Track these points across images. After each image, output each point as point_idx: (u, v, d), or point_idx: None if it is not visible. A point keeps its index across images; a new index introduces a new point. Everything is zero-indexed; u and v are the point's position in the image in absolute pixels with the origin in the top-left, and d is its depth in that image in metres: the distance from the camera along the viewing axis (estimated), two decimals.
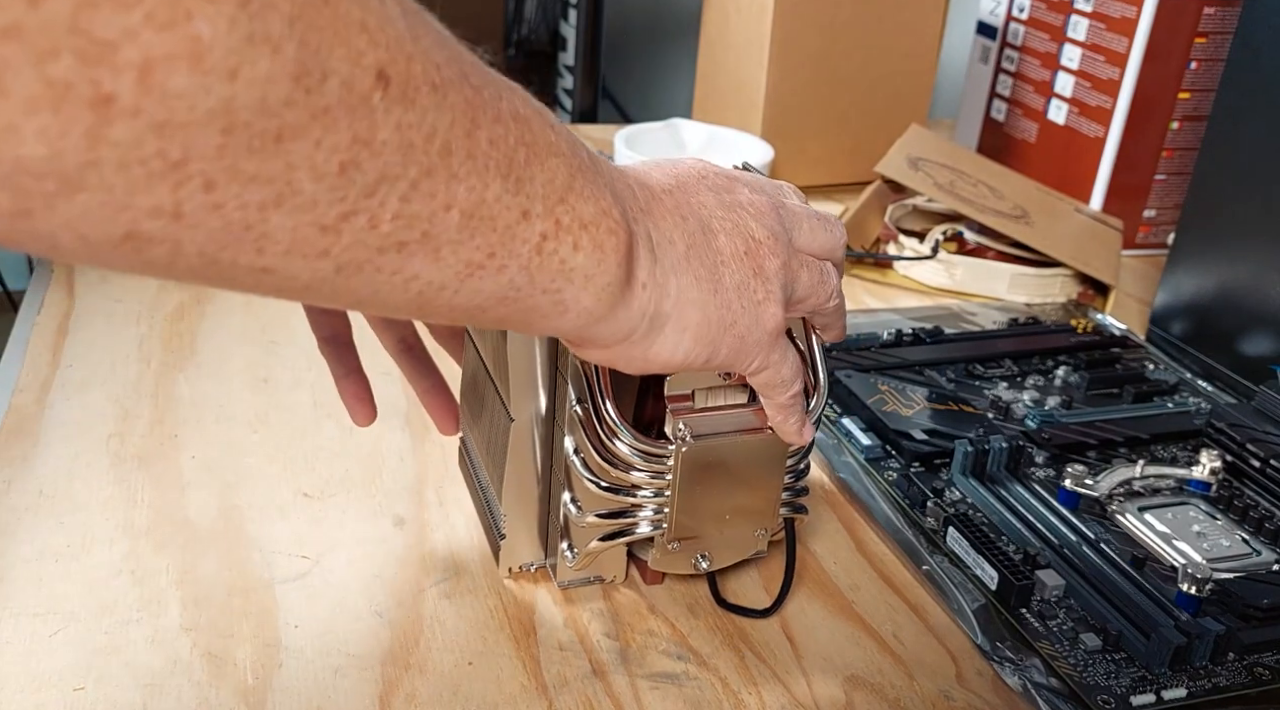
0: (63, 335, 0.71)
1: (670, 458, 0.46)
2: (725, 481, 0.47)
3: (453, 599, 0.51)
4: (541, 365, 0.48)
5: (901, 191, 0.95)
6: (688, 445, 0.46)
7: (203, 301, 0.77)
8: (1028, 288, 0.88)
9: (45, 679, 0.45)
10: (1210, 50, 0.93)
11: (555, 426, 0.49)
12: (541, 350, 0.47)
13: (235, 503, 0.57)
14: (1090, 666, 0.49)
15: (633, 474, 0.46)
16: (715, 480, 0.47)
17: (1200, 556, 0.55)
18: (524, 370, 0.47)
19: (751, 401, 0.47)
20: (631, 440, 0.45)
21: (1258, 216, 0.73)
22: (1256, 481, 0.62)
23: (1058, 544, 0.56)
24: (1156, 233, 1.00)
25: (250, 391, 0.67)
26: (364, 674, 0.46)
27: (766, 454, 0.48)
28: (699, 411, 0.46)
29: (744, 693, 0.47)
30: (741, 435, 0.47)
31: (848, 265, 0.90)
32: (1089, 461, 0.64)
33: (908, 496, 0.60)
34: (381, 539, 0.55)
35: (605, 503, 0.47)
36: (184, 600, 0.50)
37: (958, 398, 0.70)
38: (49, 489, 0.56)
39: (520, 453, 0.49)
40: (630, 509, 0.48)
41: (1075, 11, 1.01)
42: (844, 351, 0.74)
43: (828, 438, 0.66)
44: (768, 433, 0.47)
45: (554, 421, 0.49)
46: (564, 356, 0.47)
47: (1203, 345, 0.77)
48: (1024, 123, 1.09)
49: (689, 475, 0.47)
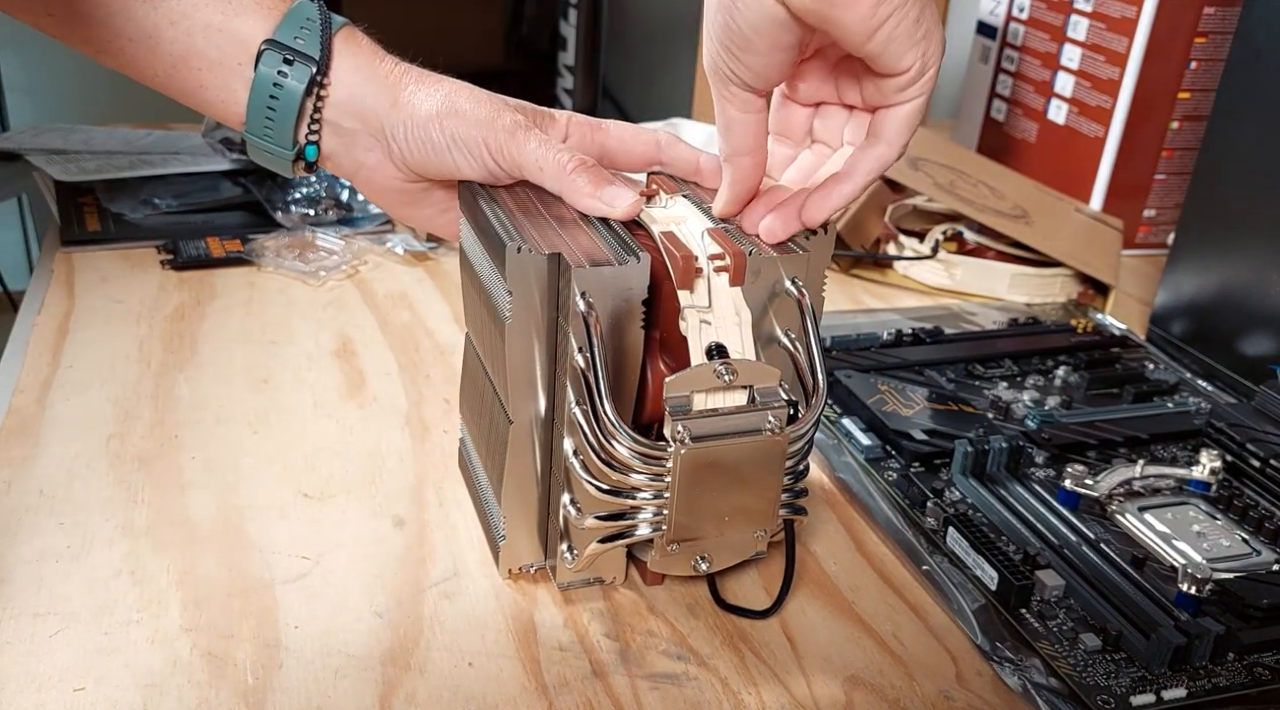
0: (63, 335, 0.71)
1: (669, 460, 0.46)
2: (724, 483, 0.47)
3: (453, 599, 0.51)
4: (541, 367, 0.48)
5: (901, 191, 0.95)
6: (687, 448, 0.46)
7: (203, 302, 0.78)
8: (1028, 288, 0.88)
9: (45, 679, 0.45)
10: (1210, 50, 0.93)
11: (554, 428, 0.49)
12: (541, 352, 0.47)
13: (235, 503, 0.57)
14: (1090, 666, 0.49)
15: (632, 477, 0.46)
16: (714, 482, 0.47)
17: (1200, 556, 0.55)
18: (522, 372, 0.47)
19: (750, 403, 0.47)
20: (630, 443, 0.45)
21: (1258, 216, 0.73)
22: (1256, 481, 0.62)
23: (1058, 544, 0.56)
24: (1156, 233, 1.00)
25: (250, 391, 0.67)
26: (364, 674, 0.46)
27: (765, 456, 0.48)
28: (698, 414, 0.46)
29: (744, 693, 0.47)
30: (740, 437, 0.47)
31: (847, 265, 0.91)
32: (1089, 461, 0.64)
33: (908, 496, 0.60)
34: (381, 539, 0.55)
35: (604, 505, 0.47)
36: (184, 600, 0.50)
37: (958, 398, 0.70)
38: (49, 489, 0.56)
39: (519, 454, 0.49)
40: (630, 511, 0.48)
41: (1075, 11, 1.01)
42: (844, 351, 0.74)
43: (828, 438, 0.66)
44: (766, 435, 0.47)
45: (553, 423, 0.49)
46: (563, 359, 0.47)
47: (1203, 345, 0.77)
48: (1024, 123, 1.09)
49: (688, 477, 0.47)
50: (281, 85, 0.49)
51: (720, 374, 0.46)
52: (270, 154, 0.51)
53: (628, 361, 0.47)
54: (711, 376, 0.46)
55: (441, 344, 0.74)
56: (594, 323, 0.44)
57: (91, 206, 0.91)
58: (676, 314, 0.47)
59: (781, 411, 0.47)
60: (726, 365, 0.45)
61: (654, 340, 0.48)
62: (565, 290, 0.45)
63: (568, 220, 0.49)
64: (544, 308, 0.47)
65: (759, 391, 0.47)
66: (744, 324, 0.48)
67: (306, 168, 0.51)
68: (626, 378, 0.48)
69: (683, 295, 0.47)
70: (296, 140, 0.50)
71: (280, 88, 0.49)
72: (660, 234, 0.48)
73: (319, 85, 0.49)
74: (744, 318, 0.48)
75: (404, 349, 0.73)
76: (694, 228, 0.49)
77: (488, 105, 0.50)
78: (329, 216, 0.91)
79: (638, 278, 0.45)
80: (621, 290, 0.45)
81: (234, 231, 0.88)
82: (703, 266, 0.47)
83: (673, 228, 0.49)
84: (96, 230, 0.87)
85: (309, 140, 0.50)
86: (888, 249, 0.91)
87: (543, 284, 0.46)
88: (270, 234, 0.87)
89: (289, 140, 0.50)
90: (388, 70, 0.50)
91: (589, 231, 0.48)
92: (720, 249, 0.47)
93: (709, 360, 0.46)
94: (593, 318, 0.44)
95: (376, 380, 0.70)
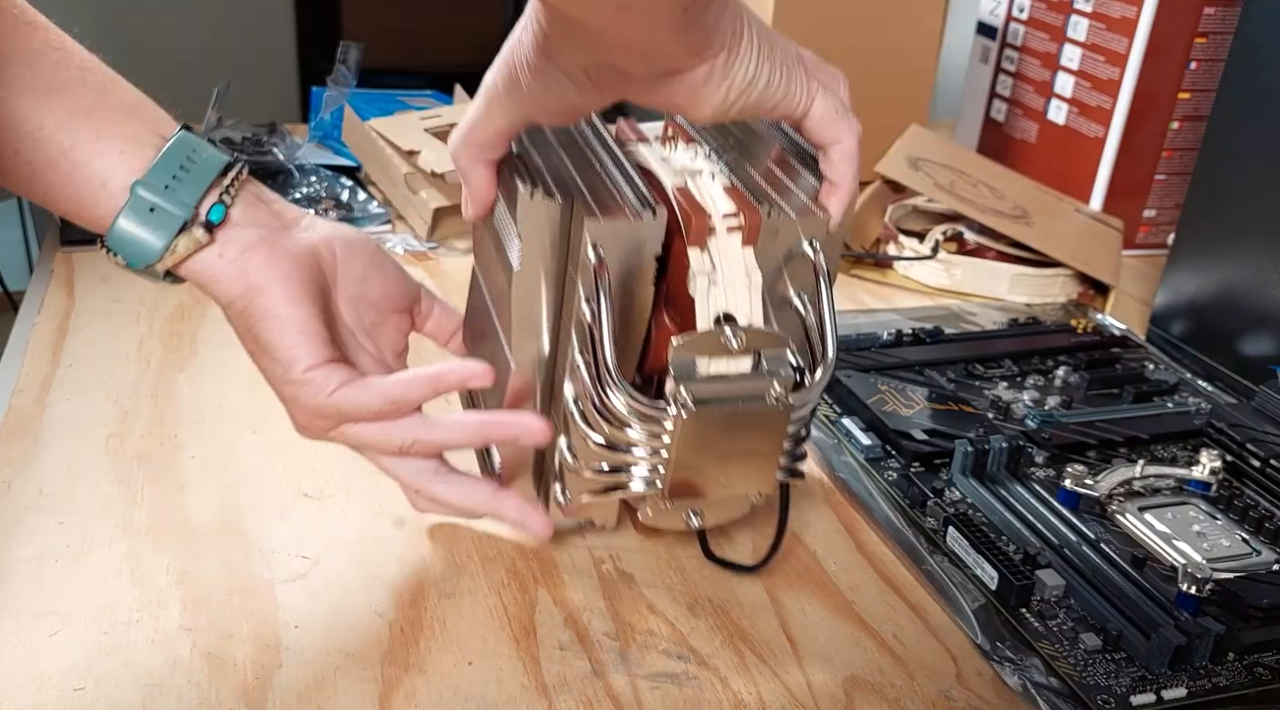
0: (63, 335, 0.71)
1: (668, 420, 0.45)
2: (723, 447, 0.47)
3: (453, 599, 0.51)
4: (547, 313, 0.47)
5: (901, 191, 0.95)
6: (688, 412, 0.45)
7: (203, 301, 0.77)
8: (1028, 288, 0.88)
9: (45, 679, 0.45)
10: (1210, 50, 0.93)
11: (556, 372, 0.48)
12: (548, 298, 0.46)
13: (235, 503, 0.57)
14: (1090, 666, 0.49)
15: (629, 432, 0.46)
16: (713, 446, 0.47)
17: (1200, 556, 0.55)
18: (528, 316, 0.47)
19: (756, 369, 0.46)
20: (630, 400, 0.45)
21: (1258, 216, 0.73)
22: (1256, 481, 0.62)
23: (1058, 544, 0.56)
24: (1156, 233, 1.00)
25: (250, 391, 0.67)
26: (364, 674, 0.46)
27: (767, 422, 0.47)
28: (702, 380, 0.45)
29: (744, 693, 0.47)
30: (743, 404, 0.46)
31: (848, 265, 0.91)
32: (1089, 461, 0.64)
33: (908, 496, 0.60)
34: (381, 539, 0.55)
35: (600, 456, 0.47)
36: (184, 600, 0.50)
37: (958, 398, 0.70)
38: (49, 489, 0.56)
39: (519, 397, 0.48)
40: (625, 465, 0.47)
41: (1075, 11, 1.01)
42: (844, 352, 0.74)
43: (828, 438, 0.66)
44: (768, 401, 0.46)
45: (555, 366, 0.48)
46: (569, 304, 0.46)
47: (1203, 345, 0.77)
48: (1024, 123, 1.09)
49: (687, 440, 0.46)
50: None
51: (728, 340, 0.45)
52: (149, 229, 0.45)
53: (635, 316, 0.46)
54: (719, 342, 0.45)
55: None
56: (603, 275, 0.43)
57: None
58: (687, 270, 0.46)
59: (787, 379, 0.46)
60: (735, 331, 0.44)
61: (662, 292, 0.47)
62: (577, 240, 0.44)
63: (590, 169, 0.48)
64: (555, 255, 0.46)
65: (766, 357, 0.46)
66: (754, 286, 0.46)
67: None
68: (632, 331, 0.47)
69: (693, 254, 0.46)
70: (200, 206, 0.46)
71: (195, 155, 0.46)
72: (675, 188, 0.47)
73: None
74: (754, 280, 0.46)
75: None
76: (709, 183, 0.48)
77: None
78: (329, 216, 0.91)
79: (652, 233, 0.44)
80: (635, 245, 0.44)
81: None
82: (715, 226, 0.46)
83: (688, 182, 0.48)
84: None
85: (220, 199, 0.46)
86: (888, 249, 0.91)
87: (555, 231, 0.45)
88: None
89: (193, 198, 0.45)
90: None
91: (608, 182, 0.47)
92: (735, 207, 0.46)
93: (718, 327, 0.45)
94: (603, 271, 0.43)
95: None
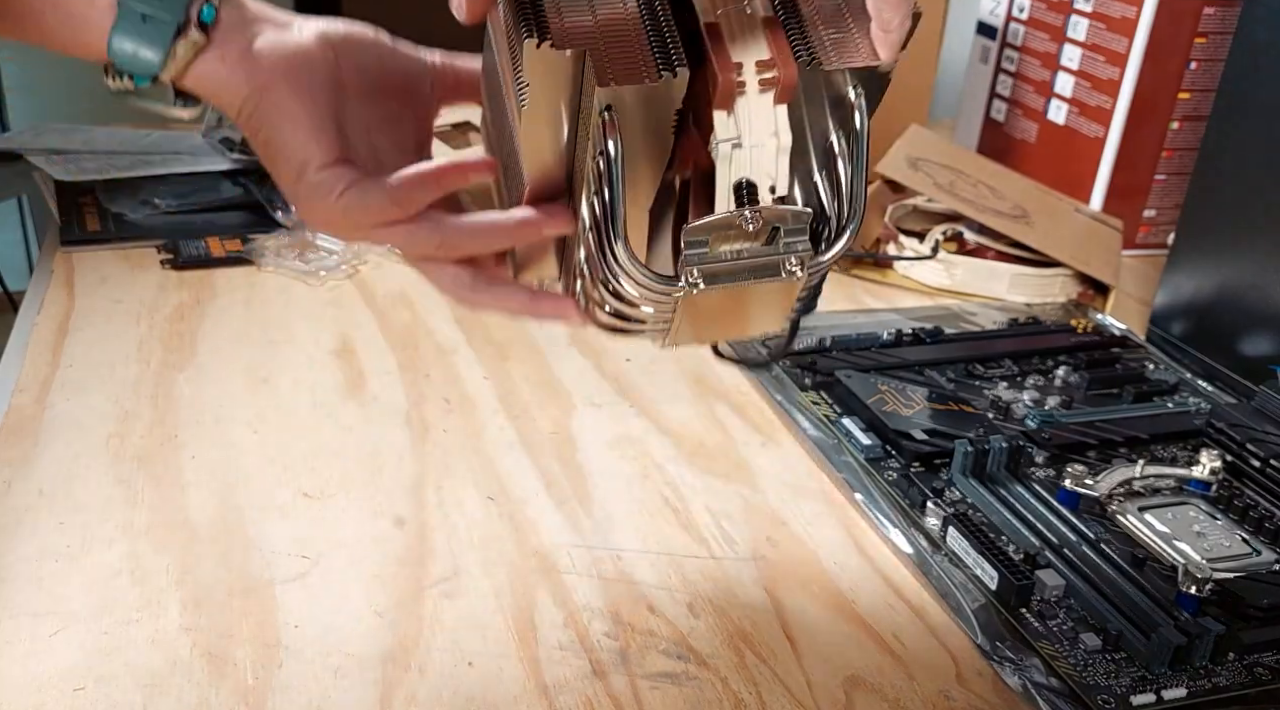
0: (63, 335, 0.71)
1: (678, 291, 0.43)
2: (731, 313, 0.46)
3: (453, 599, 0.51)
4: (558, 156, 0.45)
5: (902, 191, 0.95)
6: (699, 290, 0.43)
7: (203, 301, 0.78)
8: (1028, 288, 0.88)
9: (45, 679, 0.45)
10: (1210, 50, 0.93)
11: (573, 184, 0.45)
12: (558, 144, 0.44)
13: (235, 503, 0.57)
14: (1090, 666, 0.49)
15: (642, 309, 0.45)
16: (722, 313, 0.46)
17: (1200, 556, 0.55)
18: (538, 150, 0.44)
19: (769, 244, 0.44)
20: (641, 276, 0.43)
21: (1258, 216, 0.73)
22: (1256, 481, 0.62)
23: (1058, 544, 0.56)
24: (1156, 233, 1.00)
25: (250, 391, 0.67)
26: (364, 674, 0.46)
27: (779, 292, 0.45)
28: (713, 261, 0.43)
29: (744, 693, 0.47)
30: (756, 277, 0.44)
31: (847, 265, 0.90)
32: (1089, 461, 0.64)
33: (908, 496, 0.60)
34: (381, 539, 0.55)
35: (609, 323, 0.46)
36: (184, 600, 0.50)
37: (958, 398, 0.70)
38: (49, 489, 0.56)
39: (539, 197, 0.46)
40: (635, 319, 0.46)
41: (1075, 11, 1.01)
42: (844, 351, 0.74)
43: (828, 438, 0.66)
44: (782, 277, 0.44)
45: (574, 164, 0.45)
46: (582, 152, 0.43)
47: (1203, 345, 0.77)
48: (1024, 123, 1.09)
49: (694, 310, 0.45)
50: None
51: (745, 222, 0.42)
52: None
53: (651, 169, 0.44)
54: (736, 225, 0.42)
55: (441, 344, 0.74)
56: (614, 134, 0.41)
57: (91, 206, 0.91)
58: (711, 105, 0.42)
59: (805, 253, 0.43)
60: (755, 212, 0.42)
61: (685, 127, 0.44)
62: (589, 97, 0.42)
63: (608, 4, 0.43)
64: (566, 100, 0.43)
65: (784, 230, 0.43)
66: (782, 150, 0.43)
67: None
68: (648, 185, 0.44)
69: (718, 118, 0.42)
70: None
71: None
72: (705, 26, 0.42)
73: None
74: (784, 142, 0.43)
75: (404, 349, 0.73)
76: (744, 18, 0.43)
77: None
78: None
79: (672, 93, 0.41)
80: (652, 106, 0.41)
81: (234, 231, 0.88)
82: (746, 80, 0.42)
83: (720, 12, 0.43)
84: (96, 230, 0.87)
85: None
86: (888, 249, 0.91)
87: (564, 81, 0.42)
88: (270, 234, 0.87)
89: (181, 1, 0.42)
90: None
91: (628, 26, 0.42)
92: (770, 55, 0.42)
93: (737, 201, 0.42)
94: (613, 131, 0.41)
95: (376, 380, 0.69)
